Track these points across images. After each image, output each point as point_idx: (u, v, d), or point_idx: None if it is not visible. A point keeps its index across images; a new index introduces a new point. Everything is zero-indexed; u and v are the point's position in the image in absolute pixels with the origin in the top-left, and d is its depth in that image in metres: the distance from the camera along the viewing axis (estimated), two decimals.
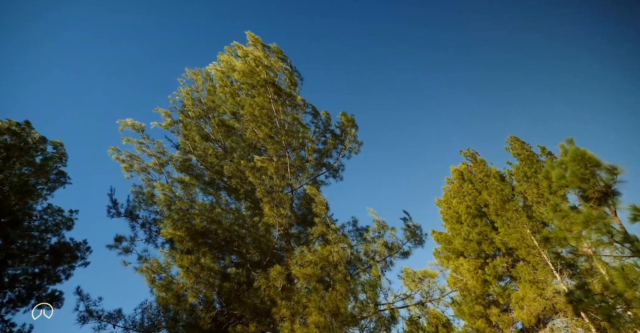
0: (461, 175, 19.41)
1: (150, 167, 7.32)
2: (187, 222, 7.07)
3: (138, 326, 6.18)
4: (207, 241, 7.78)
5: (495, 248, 16.08)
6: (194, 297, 6.15)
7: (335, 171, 10.12)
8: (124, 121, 7.23)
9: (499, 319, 15.01)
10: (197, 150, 7.95)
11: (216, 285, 6.86)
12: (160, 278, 6.37)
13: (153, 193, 7.21)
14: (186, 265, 6.17)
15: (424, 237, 9.06)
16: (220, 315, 7.08)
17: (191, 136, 7.90)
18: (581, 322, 12.33)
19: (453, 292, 9.99)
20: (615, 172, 6.62)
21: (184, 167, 7.90)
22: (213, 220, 7.66)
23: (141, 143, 7.29)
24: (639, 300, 6.74)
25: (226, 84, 9.01)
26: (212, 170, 8.17)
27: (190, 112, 8.12)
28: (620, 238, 7.01)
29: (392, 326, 8.19)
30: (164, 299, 6.04)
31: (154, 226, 7.36)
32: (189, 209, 7.03)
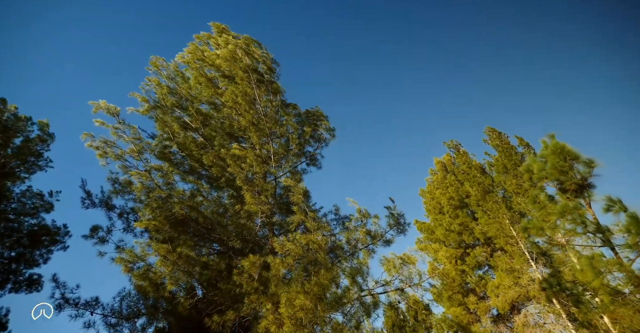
0: (444, 167, 19.67)
1: (127, 154, 7.07)
2: (166, 210, 6.94)
3: (117, 313, 6.11)
4: (188, 230, 7.68)
5: (475, 238, 16.50)
6: (173, 284, 6.10)
7: (314, 159, 10.11)
8: (97, 103, 6.87)
9: (476, 306, 15.54)
10: (177, 138, 7.74)
11: (195, 272, 6.81)
12: (138, 267, 6.27)
13: (130, 180, 7.01)
14: (163, 253, 6.10)
15: (407, 226, 9.18)
16: (200, 302, 7.07)
17: (170, 124, 7.67)
18: (553, 308, 12.87)
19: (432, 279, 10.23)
20: (592, 165, 6.81)
21: (163, 155, 7.70)
22: (193, 207, 7.54)
23: (117, 129, 6.99)
24: (606, 287, 7.04)
25: (201, 74, 8.76)
26: (192, 158, 8.01)
27: (165, 100, 7.86)
28: (593, 228, 7.26)
29: (373, 311, 8.35)
30: (142, 287, 5.97)
31: (132, 215, 7.19)
32: (168, 197, 6.89)
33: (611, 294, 7.06)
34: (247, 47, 8.81)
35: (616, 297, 7.02)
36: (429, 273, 11.26)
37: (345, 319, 7.83)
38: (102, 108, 6.87)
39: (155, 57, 8.43)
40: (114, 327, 5.96)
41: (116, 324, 6.01)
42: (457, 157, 19.57)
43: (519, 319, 13.67)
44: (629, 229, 6.22)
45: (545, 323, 13.00)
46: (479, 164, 18.41)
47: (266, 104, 8.88)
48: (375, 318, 8.47)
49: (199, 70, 8.88)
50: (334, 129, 10.30)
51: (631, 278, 6.79)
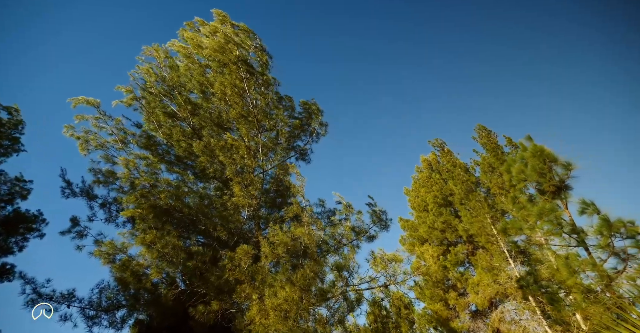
0: (430, 165, 19.92)
1: (110, 143, 6.95)
2: (151, 200, 6.86)
3: (95, 305, 6.03)
4: (172, 220, 7.63)
5: (458, 236, 16.86)
6: (157, 273, 6.05)
7: (304, 154, 10.13)
8: (76, 99, 6.76)
9: (456, 302, 15.93)
10: (162, 128, 7.64)
11: (180, 262, 6.79)
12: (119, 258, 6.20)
13: (113, 170, 6.89)
14: (148, 241, 6.03)
15: (389, 222, 9.31)
16: (183, 294, 7.04)
17: (155, 113, 7.54)
18: (528, 305, 13.32)
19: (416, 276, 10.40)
20: (570, 168, 7.05)
21: (147, 144, 7.59)
22: (179, 198, 7.49)
23: (97, 119, 6.87)
24: (579, 286, 7.33)
25: (192, 61, 8.61)
26: (179, 148, 7.92)
27: (152, 89, 7.71)
28: (569, 229, 7.53)
29: (357, 307, 8.48)
30: (122, 279, 5.90)
31: (114, 206, 7.08)
32: (153, 186, 6.81)
33: (584, 292, 7.36)
34: (238, 37, 8.70)
35: (588, 295, 7.31)
36: (413, 271, 11.48)
37: (329, 313, 7.92)
38: (82, 102, 6.76)
39: (146, 47, 8.26)
40: (92, 319, 5.88)
41: (94, 316, 5.93)
42: (442, 156, 19.81)
43: (495, 315, 14.10)
44: (601, 231, 6.48)
45: (520, 319, 13.45)
46: (463, 163, 18.72)
47: (256, 96, 8.83)
48: (359, 313, 8.62)
49: (190, 57, 8.74)
50: (326, 125, 10.31)
51: (603, 278, 7.08)
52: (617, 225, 6.22)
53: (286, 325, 6.09)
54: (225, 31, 8.26)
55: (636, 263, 6.37)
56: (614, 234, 6.30)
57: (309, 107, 10.10)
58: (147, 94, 7.72)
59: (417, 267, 15.26)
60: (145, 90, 7.73)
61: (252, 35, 9.09)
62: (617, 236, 6.36)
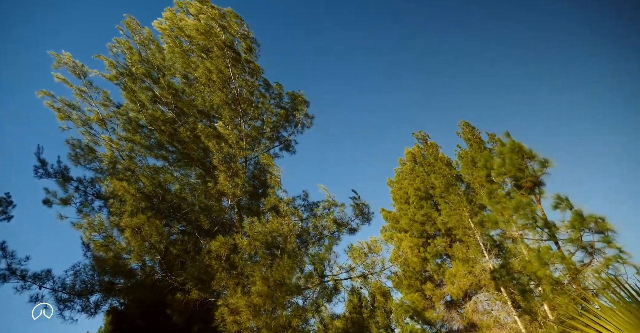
0: (414, 157, 20.19)
1: (92, 121, 6.62)
2: (133, 184, 6.69)
3: (69, 289, 5.87)
4: (153, 207, 7.49)
5: (437, 229, 17.29)
6: (137, 259, 5.93)
7: (288, 144, 10.09)
8: (60, 56, 6.16)
9: (432, 293, 16.43)
10: (146, 110, 7.41)
11: (162, 250, 6.69)
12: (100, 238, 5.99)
13: (93, 148, 6.61)
14: (135, 225, 5.86)
15: (371, 215, 9.42)
16: (162, 281, 6.97)
17: (139, 94, 7.28)
18: (500, 296, 13.88)
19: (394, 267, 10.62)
20: (546, 164, 7.31)
21: (131, 126, 7.35)
22: (161, 184, 7.34)
23: (82, 91, 6.45)
24: (548, 277, 7.67)
25: (176, 44, 8.32)
26: (162, 133, 7.74)
27: (134, 68, 7.38)
28: (542, 223, 7.83)
29: (335, 296, 8.60)
30: (101, 261, 5.74)
31: (91, 189, 6.84)
32: (134, 170, 6.63)
33: (552, 284, 7.71)
34: (225, 21, 8.46)
35: (556, 286, 7.67)
36: (392, 261, 11.69)
37: (305, 303, 8.00)
38: (67, 64, 6.26)
39: (129, 17, 7.78)
40: (65, 302, 5.73)
41: (67, 300, 5.78)
42: (425, 148, 20.08)
43: (469, 305, 14.63)
44: (574, 225, 6.77)
45: (492, 309, 14.02)
46: (445, 156, 19.07)
47: (242, 83, 8.69)
48: (337, 303, 8.75)
49: (174, 40, 8.45)
50: (312, 117, 10.28)
51: (570, 270, 7.43)
52: (588, 220, 6.51)
53: (260, 319, 6.09)
54: (212, 13, 8.01)
55: (602, 257, 6.72)
56: (584, 228, 6.60)
57: (296, 97, 10.03)
58: (128, 73, 7.40)
59: (395, 257, 15.58)
60: (127, 68, 7.38)
61: (240, 21, 8.88)
62: (586, 230, 6.67)
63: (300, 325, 7.40)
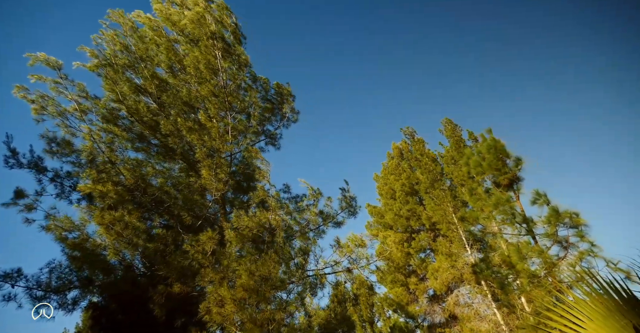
0: (401, 153, 20.38)
1: (69, 112, 6.40)
2: (114, 177, 6.51)
3: (44, 286, 5.68)
4: (134, 200, 7.33)
5: (421, 224, 17.57)
6: (114, 255, 5.80)
7: (274, 139, 10.02)
8: (35, 55, 6.05)
9: (416, 287, 16.73)
10: (127, 101, 7.20)
11: (140, 245, 6.56)
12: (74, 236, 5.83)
13: (70, 140, 6.40)
14: (107, 222, 5.74)
15: (358, 209, 9.46)
16: (142, 276, 6.85)
17: (120, 84, 7.05)
18: (481, 289, 14.26)
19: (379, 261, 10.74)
20: (520, 163, 7.51)
21: (111, 117, 7.13)
22: (143, 177, 7.18)
23: (57, 83, 6.25)
24: (526, 271, 7.92)
25: (161, 34, 8.11)
26: (144, 125, 7.54)
27: (117, 58, 7.16)
28: (520, 219, 8.06)
29: (319, 290, 8.64)
30: (77, 258, 5.59)
31: (68, 180, 6.62)
32: (113, 163, 6.45)
33: (529, 277, 7.96)
34: (217, 12, 8.30)
35: (533, 279, 7.92)
36: (377, 256, 11.82)
37: (289, 297, 8.01)
38: (41, 61, 6.10)
39: (112, 11, 7.58)
40: (40, 300, 5.55)
41: (43, 297, 5.60)
42: (412, 144, 20.30)
43: (451, 299, 14.97)
44: (550, 220, 6.99)
45: (473, 302, 14.39)
46: (431, 152, 19.32)
47: (229, 76, 8.55)
48: (321, 296, 8.80)
49: (157, 30, 8.22)
50: (298, 112, 10.25)
51: (546, 264, 7.68)
52: (564, 215, 6.73)
53: (244, 313, 6.07)
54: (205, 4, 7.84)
55: (576, 251, 6.97)
56: (559, 223, 6.82)
57: (282, 90, 9.94)
58: (111, 63, 7.17)
59: (380, 252, 15.76)
60: (109, 58, 7.15)
61: (229, 13, 8.71)
62: (561, 225, 6.90)
63: (285, 318, 7.42)
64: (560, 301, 2.74)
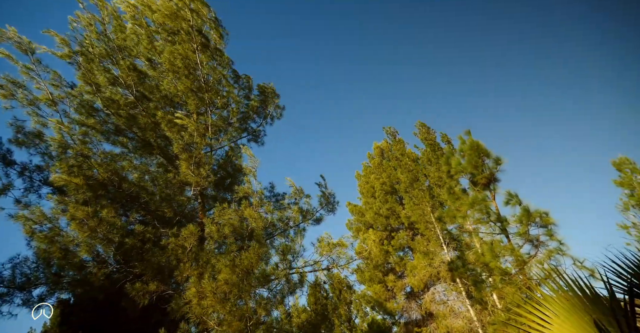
0: (382, 152, 20.68)
1: (41, 101, 6.07)
2: (86, 170, 6.27)
3: (7, 282, 5.41)
4: (109, 195, 7.09)
5: (400, 223, 17.88)
6: (87, 251, 5.58)
7: (257, 136, 9.94)
8: (3, 30, 5.61)
9: (394, 284, 17.01)
10: (102, 92, 6.93)
11: (115, 241, 6.36)
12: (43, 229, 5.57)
13: (41, 131, 6.09)
14: (80, 216, 5.51)
15: (337, 205, 9.53)
16: (116, 273, 6.65)
17: (95, 75, 6.77)
18: (456, 287, 14.66)
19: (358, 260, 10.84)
20: (499, 162, 7.77)
21: (85, 109, 6.85)
22: (118, 172, 6.95)
23: (29, 69, 5.89)
24: (499, 268, 8.19)
25: (141, 23, 7.85)
26: (120, 118, 7.30)
27: (93, 48, 6.84)
28: (495, 218, 8.32)
29: (299, 288, 8.65)
30: (46, 252, 5.34)
31: (38, 174, 6.32)
32: (88, 156, 6.21)
33: (502, 275, 8.24)
34: (194, 4, 8.09)
35: (505, 277, 8.20)
36: (357, 255, 11.93)
37: (270, 295, 7.99)
38: (12, 40, 5.69)
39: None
40: (2, 296, 5.28)
41: (5, 294, 5.33)
42: (393, 144, 20.64)
43: (427, 296, 15.32)
44: (521, 219, 7.26)
45: (448, 299, 14.78)
46: (413, 153, 19.71)
47: (209, 71, 8.38)
48: (300, 295, 8.83)
49: (137, 20, 7.94)
50: (283, 109, 10.17)
51: (518, 262, 7.97)
52: (534, 215, 7.01)
53: (225, 307, 6.02)
54: None
55: (545, 249, 7.27)
56: (530, 223, 7.09)
57: (265, 89, 9.87)
58: (86, 51, 6.85)
59: (359, 251, 15.93)
60: (84, 46, 6.82)
61: (208, 8, 8.51)
62: (532, 225, 7.18)
63: (264, 315, 7.40)
64: (529, 298, 2.84)
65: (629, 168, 13.02)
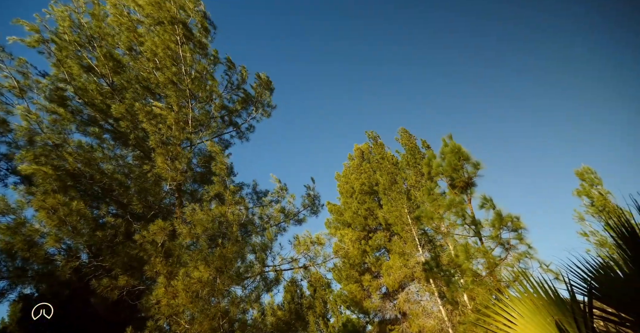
0: (362, 154, 21.00)
1: (5, 88, 5.77)
2: (55, 160, 6.00)
3: None
4: (80, 187, 6.82)
5: (378, 223, 18.13)
6: (54, 243, 5.33)
7: (242, 131, 9.78)
8: None
9: (370, 284, 17.22)
10: (75, 81, 6.65)
11: (85, 233, 6.12)
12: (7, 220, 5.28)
13: (5, 119, 5.79)
14: (50, 204, 5.25)
15: (321, 207, 9.49)
16: (85, 267, 6.40)
17: (68, 63, 6.48)
18: (429, 287, 15.00)
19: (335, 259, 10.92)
20: (478, 167, 8.01)
21: (56, 97, 6.55)
22: (90, 163, 6.69)
23: None
24: (471, 270, 8.43)
25: (121, 12, 7.59)
26: (94, 108, 7.03)
27: (66, 35, 6.55)
28: (470, 221, 8.55)
29: (275, 287, 8.59)
30: (9, 244, 5.06)
31: (4, 163, 6.01)
32: (58, 145, 5.95)
33: (473, 276, 8.48)
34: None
35: (476, 278, 8.45)
36: (334, 254, 11.98)
37: (244, 293, 7.90)
38: None
39: None
40: None
41: None
42: (374, 147, 21.04)
43: (402, 296, 15.60)
44: (494, 223, 7.50)
45: (421, 299, 15.11)
46: (392, 156, 20.12)
47: (192, 64, 8.19)
48: (276, 293, 8.77)
49: (118, 8, 7.66)
50: (274, 107, 9.92)
51: (489, 264, 8.23)
52: (506, 219, 7.26)
53: (197, 305, 5.89)
54: None
55: (515, 252, 7.54)
56: (502, 226, 7.34)
57: (261, 83, 9.63)
58: (59, 40, 6.55)
59: (337, 250, 16.02)
60: (57, 35, 6.53)
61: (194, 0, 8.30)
62: (505, 228, 7.44)
63: (238, 314, 7.31)
64: (498, 299, 2.93)
65: (589, 177, 13.56)
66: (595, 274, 2.39)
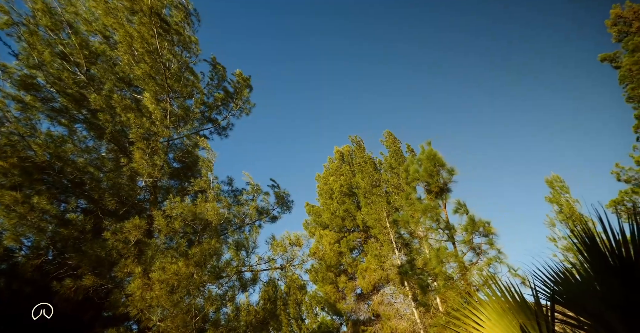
0: (342, 156, 21.17)
1: None
2: (20, 151, 5.70)
3: None
4: (47, 179, 6.50)
5: (355, 225, 18.29)
6: (13, 240, 5.05)
7: (222, 128, 9.64)
8: None
9: (345, 285, 17.31)
10: (47, 68, 6.33)
11: (49, 230, 5.83)
12: None
13: None
14: (8, 202, 4.99)
15: (292, 204, 9.53)
16: (48, 264, 6.10)
17: (39, 49, 6.18)
18: (403, 290, 15.25)
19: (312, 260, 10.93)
20: (453, 173, 8.23)
21: (25, 84, 6.22)
22: (60, 155, 6.39)
23: None
24: (443, 274, 8.63)
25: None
26: (67, 97, 6.72)
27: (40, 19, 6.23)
28: (444, 225, 8.76)
29: (251, 286, 8.50)
30: None
31: None
32: (24, 136, 5.66)
33: (446, 279, 8.69)
34: None
35: (448, 282, 8.67)
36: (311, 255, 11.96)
37: (220, 291, 7.78)
38: None
39: None
40: None
41: None
42: (357, 151, 21.22)
43: (376, 298, 15.78)
44: (467, 228, 7.72)
45: (395, 302, 15.33)
46: (373, 160, 20.36)
47: (170, 57, 7.98)
48: (252, 293, 8.70)
49: None
50: (253, 105, 9.92)
51: (461, 268, 8.46)
52: (478, 224, 7.48)
53: (171, 300, 5.75)
54: None
55: (486, 257, 7.79)
56: (475, 231, 7.57)
57: (239, 80, 9.59)
58: (30, 23, 6.22)
59: (314, 251, 16.03)
60: (27, 19, 6.20)
61: None
62: (477, 233, 7.67)
63: (212, 312, 7.18)
64: (468, 302, 3.01)
65: (558, 185, 14.26)
66: (558, 279, 2.50)
